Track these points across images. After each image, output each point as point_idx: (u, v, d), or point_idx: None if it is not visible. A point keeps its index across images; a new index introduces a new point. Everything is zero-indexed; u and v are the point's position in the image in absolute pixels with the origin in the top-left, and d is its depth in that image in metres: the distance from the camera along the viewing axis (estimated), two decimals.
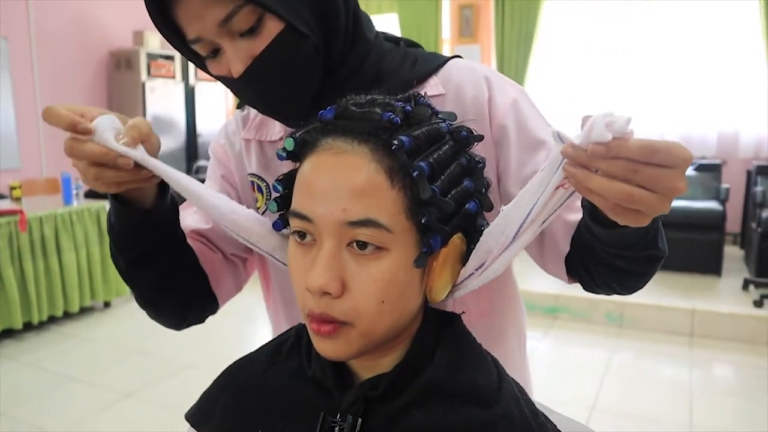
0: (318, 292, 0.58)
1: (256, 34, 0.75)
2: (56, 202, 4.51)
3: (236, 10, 0.72)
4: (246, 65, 0.76)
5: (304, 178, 0.61)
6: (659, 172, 0.50)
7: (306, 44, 0.77)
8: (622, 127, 0.49)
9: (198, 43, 0.76)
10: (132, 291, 0.85)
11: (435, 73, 0.87)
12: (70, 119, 0.64)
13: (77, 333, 4.17)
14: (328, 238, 0.59)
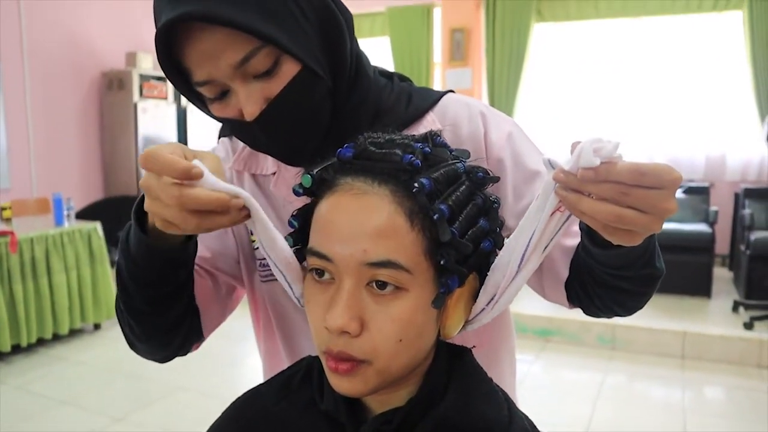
0: (337, 331, 0.59)
1: (272, 76, 0.73)
2: (47, 223, 4.48)
3: (254, 52, 0.70)
4: (261, 108, 0.74)
5: (324, 217, 0.62)
6: (649, 194, 0.52)
7: (320, 86, 0.76)
8: (610, 152, 0.51)
9: (206, 86, 0.74)
10: (136, 328, 0.78)
11: (431, 109, 0.88)
12: (183, 166, 0.56)
13: (67, 355, 4.12)
14: (348, 278, 0.59)
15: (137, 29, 6.98)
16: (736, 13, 5.52)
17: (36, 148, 5.97)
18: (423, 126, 0.85)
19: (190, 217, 0.58)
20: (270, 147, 0.80)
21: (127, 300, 0.75)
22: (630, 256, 0.68)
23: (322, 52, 0.76)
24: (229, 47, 0.70)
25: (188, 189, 0.57)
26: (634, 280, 0.72)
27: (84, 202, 5.75)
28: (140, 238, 0.68)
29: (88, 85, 6.52)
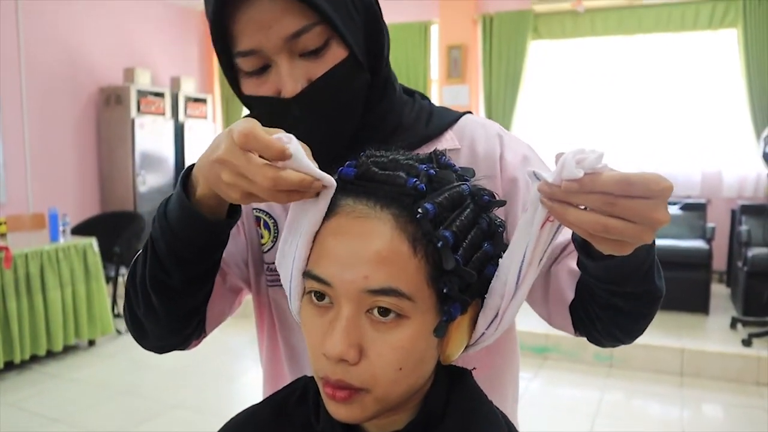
0: (335, 359, 0.57)
1: (318, 56, 0.73)
2: (42, 239, 4.46)
3: (308, 28, 0.71)
4: (301, 87, 0.73)
5: (324, 240, 0.60)
6: (636, 204, 0.51)
7: (362, 78, 0.77)
8: (593, 163, 0.51)
9: (249, 56, 0.73)
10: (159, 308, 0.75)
11: (450, 127, 0.88)
12: (280, 147, 0.57)
13: (60, 372, 4.08)
14: (347, 304, 0.58)
15: (135, 45, 7.01)
16: (731, 31, 5.56)
17: (32, 164, 5.96)
18: (441, 143, 0.86)
19: (279, 194, 0.58)
20: (301, 130, 0.76)
21: (161, 277, 0.73)
22: (625, 268, 0.66)
23: (365, 46, 0.78)
24: (284, 18, 0.70)
25: (282, 171, 0.57)
26: (631, 298, 0.71)
27: (80, 218, 5.73)
28: (189, 211, 0.68)
29: (85, 100, 6.52)
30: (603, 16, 5.98)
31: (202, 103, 7.41)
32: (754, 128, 5.41)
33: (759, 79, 5.38)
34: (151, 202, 6.64)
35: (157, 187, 6.73)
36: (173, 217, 0.69)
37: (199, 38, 7.91)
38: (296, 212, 0.64)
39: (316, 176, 0.58)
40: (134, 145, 6.45)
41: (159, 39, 7.32)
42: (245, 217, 0.92)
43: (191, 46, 7.81)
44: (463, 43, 6.33)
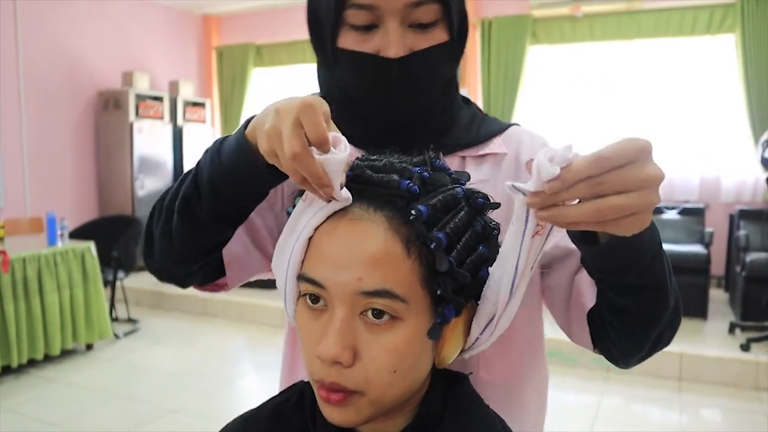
0: (329, 361, 0.57)
1: (425, 31, 0.77)
2: (40, 243, 4.45)
3: (427, 1, 0.76)
4: (403, 52, 0.77)
5: (318, 243, 0.60)
6: (623, 173, 0.51)
7: (450, 67, 0.82)
8: (564, 155, 0.51)
9: (363, 10, 0.76)
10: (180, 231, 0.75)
11: (499, 134, 0.90)
12: (324, 135, 0.57)
13: (57, 377, 4.07)
14: (341, 306, 0.58)
15: (134, 49, 7.01)
16: (729, 36, 5.57)
17: (30, 167, 5.96)
18: (489, 147, 0.88)
19: (295, 173, 0.59)
20: (393, 91, 0.80)
21: (192, 202, 0.73)
22: (625, 253, 0.62)
23: (463, 38, 0.83)
24: None
25: (308, 155, 0.57)
26: (637, 293, 0.66)
27: (78, 222, 5.72)
28: (243, 147, 0.66)
29: (83, 104, 6.52)
30: (601, 21, 5.99)
31: (201, 107, 7.41)
32: (753, 133, 5.42)
33: (757, 84, 5.39)
34: (149, 207, 6.59)
35: (155, 191, 6.72)
36: (226, 150, 0.69)
37: (197, 42, 7.92)
38: (295, 216, 0.64)
39: (333, 185, 0.58)
40: (132, 149, 6.45)
41: (158, 43, 7.33)
42: (286, 195, 0.89)
43: (190, 50, 7.82)
44: None
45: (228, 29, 7.98)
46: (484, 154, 0.87)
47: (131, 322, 5.18)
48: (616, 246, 0.60)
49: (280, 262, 0.65)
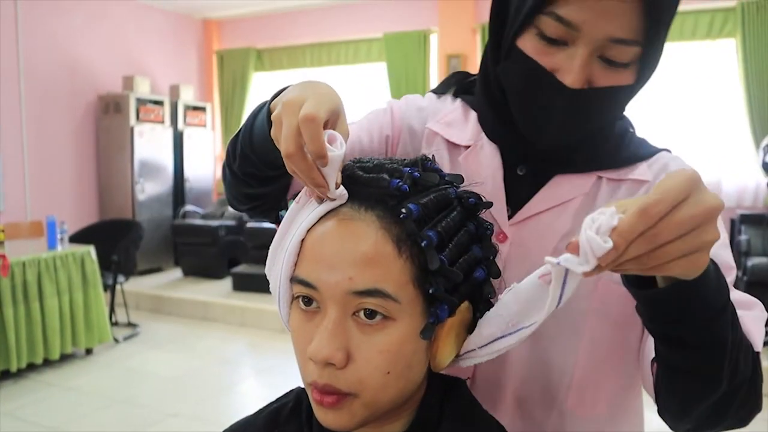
0: (322, 362, 0.56)
1: (611, 68, 0.71)
2: (40, 246, 4.45)
3: (630, 43, 0.68)
4: (581, 85, 0.70)
5: (309, 244, 0.60)
6: (676, 217, 0.46)
7: (624, 107, 0.79)
8: (610, 222, 0.47)
9: (561, 24, 0.68)
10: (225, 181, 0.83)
11: (646, 159, 0.82)
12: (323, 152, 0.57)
13: (57, 381, 4.05)
14: (333, 307, 0.57)
15: (134, 53, 7.02)
16: (730, 40, 5.58)
17: (31, 171, 5.96)
18: (632, 173, 0.80)
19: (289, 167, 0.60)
20: (546, 116, 0.74)
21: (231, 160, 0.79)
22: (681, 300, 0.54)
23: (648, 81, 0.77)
24: (623, 19, 0.67)
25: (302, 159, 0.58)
26: (689, 349, 0.57)
27: (78, 226, 5.71)
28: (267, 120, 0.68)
29: (84, 108, 6.53)
30: None
31: (202, 111, 7.42)
32: (753, 137, 5.41)
33: (758, 89, 5.39)
34: (150, 211, 6.64)
35: (155, 195, 6.73)
36: (260, 117, 0.72)
37: (198, 46, 7.93)
38: (288, 219, 0.64)
39: (327, 184, 0.59)
40: (133, 153, 6.45)
41: (158, 47, 7.34)
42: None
43: (191, 55, 7.83)
44: (462, 52, 6.34)
45: (229, 33, 7.99)
46: (622, 179, 0.79)
47: (131, 327, 5.17)
48: (673, 293, 0.53)
49: (274, 265, 0.65)
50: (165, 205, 6.88)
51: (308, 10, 7.25)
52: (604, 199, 0.78)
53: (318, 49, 7.30)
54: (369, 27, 6.91)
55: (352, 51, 7.13)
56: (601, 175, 0.79)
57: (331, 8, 7.13)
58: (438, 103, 0.92)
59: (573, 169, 0.79)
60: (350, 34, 7.09)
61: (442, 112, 0.90)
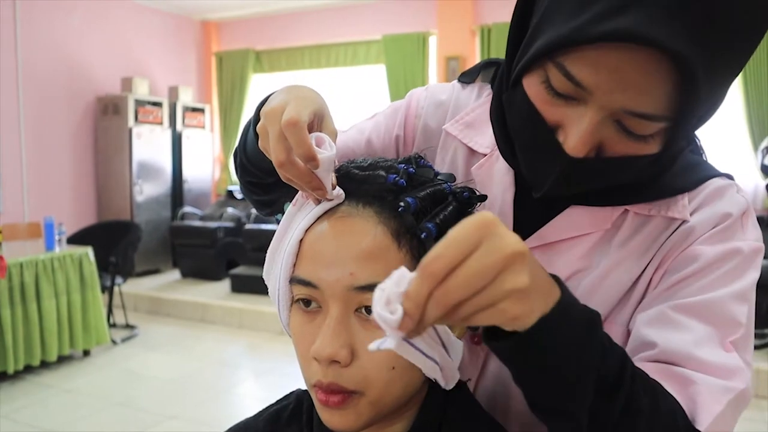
0: (326, 360, 0.56)
1: (630, 139, 0.58)
2: (38, 248, 4.44)
3: (652, 118, 0.55)
4: (585, 153, 0.59)
5: (308, 244, 0.60)
6: (461, 274, 0.42)
7: (647, 171, 0.63)
8: (397, 289, 0.43)
9: (568, 81, 0.56)
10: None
11: (690, 190, 0.68)
12: (312, 152, 0.56)
13: (54, 383, 4.04)
14: (335, 305, 0.57)
15: (133, 54, 7.02)
16: None
17: (29, 172, 5.95)
18: (669, 207, 0.67)
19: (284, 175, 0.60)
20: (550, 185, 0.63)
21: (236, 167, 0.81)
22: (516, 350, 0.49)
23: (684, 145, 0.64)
24: (652, 98, 0.54)
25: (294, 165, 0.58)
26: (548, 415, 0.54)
27: (76, 227, 5.70)
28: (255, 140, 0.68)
29: (83, 109, 6.52)
30: None
31: (200, 112, 7.41)
32: (752, 140, 5.42)
33: (756, 92, 5.40)
34: (148, 212, 6.63)
35: (154, 197, 6.72)
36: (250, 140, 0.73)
37: (197, 48, 7.93)
38: (286, 221, 0.65)
39: (323, 186, 0.59)
40: (131, 154, 6.45)
41: (157, 48, 7.34)
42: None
43: (189, 56, 7.82)
44: (461, 55, 6.34)
45: (227, 35, 7.99)
46: (653, 215, 0.67)
47: (129, 328, 5.16)
48: (510, 347, 0.48)
49: (272, 267, 0.65)
50: (163, 207, 6.88)
51: (307, 12, 7.26)
52: (625, 236, 0.67)
53: (317, 51, 7.30)
54: (368, 29, 6.91)
55: (351, 53, 7.13)
56: (629, 209, 0.67)
57: (330, 10, 7.14)
58: (462, 95, 0.83)
59: (595, 202, 0.68)
60: (349, 36, 7.09)
61: (463, 110, 0.81)
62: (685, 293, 0.62)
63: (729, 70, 0.56)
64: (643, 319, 0.63)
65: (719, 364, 0.58)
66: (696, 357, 0.58)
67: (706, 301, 0.61)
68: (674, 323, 0.60)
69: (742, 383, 0.58)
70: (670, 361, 0.59)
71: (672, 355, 0.59)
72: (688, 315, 0.61)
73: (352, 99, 7.07)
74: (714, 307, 0.61)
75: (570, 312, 0.49)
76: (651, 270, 0.66)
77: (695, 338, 0.59)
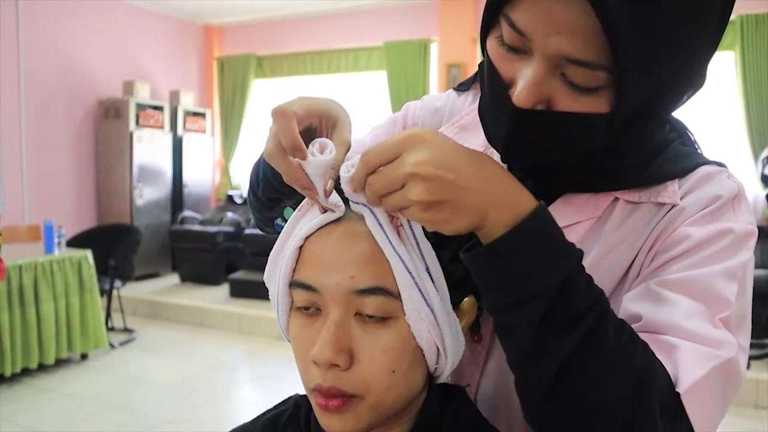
0: (325, 364, 0.56)
1: (576, 94, 0.58)
2: (37, 250, 4.43)
3: (589, 66, 0.56)
4: (531, 104, 0.59)
5: (308, 248, 0.60)
6: (383, 173, 0.53)
7: (598, 140, 0.62)
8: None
9: (514, 32, 0.58)
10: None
11: (681, 176, 0.68)
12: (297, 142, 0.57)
13: (52, 386, 4.03)
14: (335, 308, 0.57)
15: (135, 58, 7.03)
16: (729, 53, 5.59)
17: (29, 175, 5.95)
18: (658, 193, 0.67)
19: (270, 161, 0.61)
20: (503, 142, 0.64)
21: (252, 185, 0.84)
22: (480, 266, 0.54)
23: (643, 108, 0.61)
24: (583, 42, 0.55)
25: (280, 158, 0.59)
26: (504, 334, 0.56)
27: (76, 230, 5.70)
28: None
29: (84, 112, 6.53)
30: None
31: (201, 117, 7.42)
32: (752, 150, 5.43)
33: (756, 101, 5.41)
34: (148, 216, 6.63)
35: (154, 201, 6.72)
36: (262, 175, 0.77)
37: (199, 52, 7.94)
38: (290, 227, 0.64)
39: (313, 187, 0.59)
40: (132, 158, 6.45)
41: (159, 53, 7.35)
42: None
43: (191, 60, 7.84)
44: (462, 62, 6.35)
45: (229, 40, 8.00)
46: (642, 202, 0.67)
47: (127, 332, 5.15)
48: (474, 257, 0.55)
49: (273, 271, 0.65)
50: (163, 211, 6.87)
51: (309, 18, 7.27)
52: (615, 223, 0.67)
53: (318, 57, 7.32)
54: (369, 35, 6.92)
55: (352, 59, 7.15)
56: (619, 197, 0.68)
57: (332, 16, 7.15)
58: (457, 101, 0.86)
59: (585, 188, 0.68)
60: (351, 43, 7.11)
61: (458, 114, 0.83)
62: (672, 270, 0.61)
63: (668, 31, 0.55)
64: (629, 296, 0.62)
65: (706, 335, 0.56)
66: (682, 326, 0.56)
67: (693, 277, 0.60)
68: (660, 298, 0.59)
69: (729, 353, 0.55)
70: (655, 331, 0.57)
71: (657, 326, 0.57)
72: (675, 290, 0.59)
73: (354, 105, 7.08)
74: (701, 284, 0.59)
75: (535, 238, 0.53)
76: (642, 255, 0.66)
77: (682, 311, 0.57)
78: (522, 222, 0.52)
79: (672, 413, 0.52)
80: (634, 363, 0.52)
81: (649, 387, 0.52)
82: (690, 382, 0.53)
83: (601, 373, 0.52)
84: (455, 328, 0.60)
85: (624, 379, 0.51)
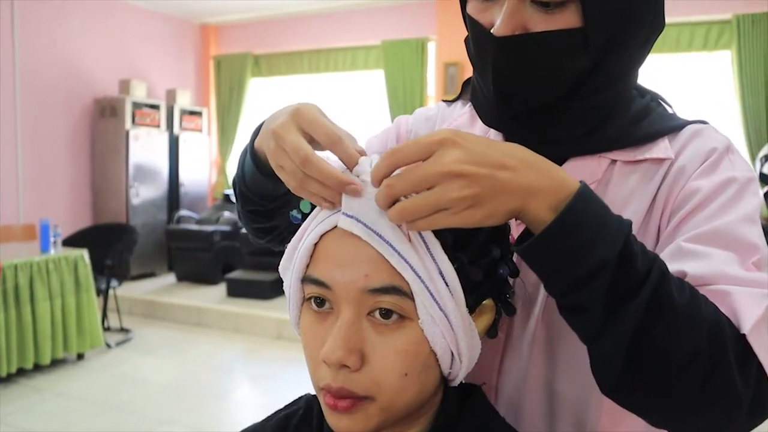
0: (335, 365, 0.54)
1: (548, 12, 0.64)
2: (33, 250, 4.41)
3: None
4: (512, 32, 0.65)
5: (323, 244, 0.58)
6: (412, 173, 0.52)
7: (576, 62, 0.67)
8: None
9: None
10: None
11: (670, 133, 0.73)
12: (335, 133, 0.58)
13: (48, 387, 4.00)
14: (347, 307, 0.56)
15: (131, 57, 7.00)
16: (725, 52, 5.61)
17: (25, 174, 5.92)
18: (649, 152, 0.71)
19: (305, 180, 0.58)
20: (496, 72, 0.69)
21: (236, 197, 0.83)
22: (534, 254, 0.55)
23: (612, 27, 0.66)
24: None
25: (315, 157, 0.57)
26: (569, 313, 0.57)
27: (72, 229, 5.67)
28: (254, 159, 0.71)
29: (80, 111, 6.50)
30: None
31: (198, 116, 7.40)
32: (749, 149, 5.43)
33: (753, 101, 5.42)
34: (144, 215, 6.60)
35: (150, 200, 6.69)
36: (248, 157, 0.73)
37: (195, 51, 7.92)
38: (309, 221, 0.63)
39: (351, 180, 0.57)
40: (128, 157, 6.42)
41: (155, 51, 7.32)
42: None
43: (188, 59, 7.81)
44: (459, 61, 6.34)
45: (226, 39, 7.98)
46: (639, 160, 0.71)
47: (123, 332, 5.12)
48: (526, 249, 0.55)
49: (289, 263, 0.64)
50: (159, 210, 6.85)
51: (306, 17, 7.26)
52: (616, 186, 0.70)
53: (316, 56, 7.30)
54: (367, 34, 6.91)
55: (349, 58, 7.13)
56: (616, 159, 0.72)
57: (330, 15, 7.14)
58: (447, 110, 0.91)
59: (582, 150, 0.72)
60: (348, 41, 7.09)
61: (449, 119, 0.88)
62: (693, 224, 0.63)
63: None
64: (663, 258, 0.61)
65: (751, 278, 0.58)
66: (727, 274, 0.58)
67: (717, 228, 0.62)
68: (694, 253, 0.61)
69: None
70: (703, 284, 0.58)
71: (704, 278, 0.58)
72: (704, 244, 0.61)
73: (351, 104, 7.06)
74: (726, 233, 0.61)
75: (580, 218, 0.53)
76: (657, 217, 0.68)
77: (720, 261, 0.59)
78: (572, 201, 0.53)
79: (743, 357, 0.53)
80: (701, 315, 0.53)
81: (721, 336, 0.53)
82: (752, 322, 0.54)
83: (674, 330, 0.52)
84: (471, 333, 0.59)
85: (696, 332, 0.52)
